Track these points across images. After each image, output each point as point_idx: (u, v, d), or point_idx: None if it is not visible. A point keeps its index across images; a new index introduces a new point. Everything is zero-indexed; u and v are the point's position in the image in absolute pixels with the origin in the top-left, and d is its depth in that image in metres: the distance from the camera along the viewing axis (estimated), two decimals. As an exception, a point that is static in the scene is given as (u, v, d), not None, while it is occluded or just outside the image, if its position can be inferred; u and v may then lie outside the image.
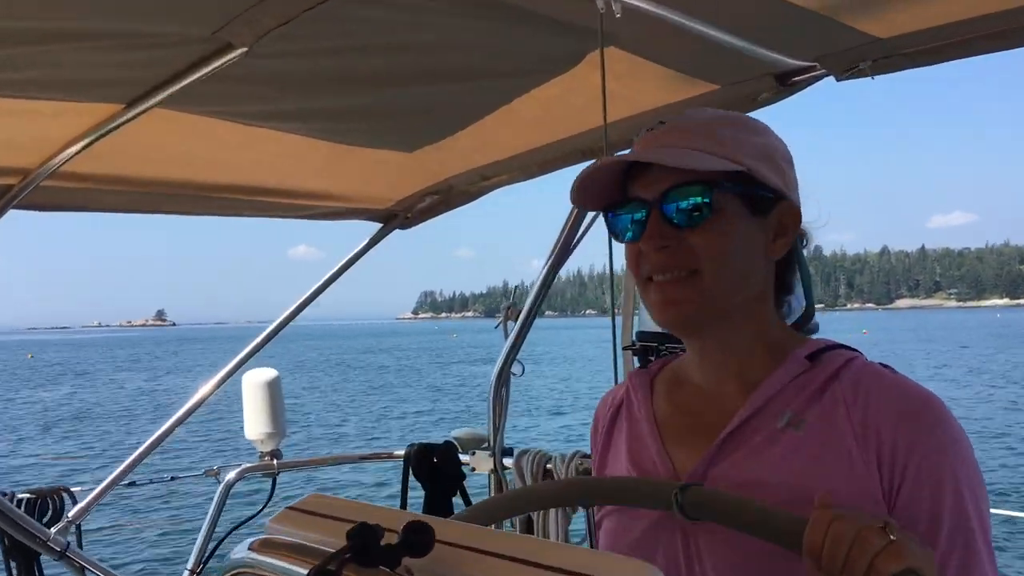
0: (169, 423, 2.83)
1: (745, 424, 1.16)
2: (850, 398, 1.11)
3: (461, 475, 3.04)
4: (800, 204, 1.24)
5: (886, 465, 1.06)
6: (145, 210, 2.64)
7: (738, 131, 1.20)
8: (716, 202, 1.14)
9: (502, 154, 2.77)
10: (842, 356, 1.17)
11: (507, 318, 2.95)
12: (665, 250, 1.15)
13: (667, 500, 1.10)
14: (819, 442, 1.10)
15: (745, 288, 1.19)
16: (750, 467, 1.13)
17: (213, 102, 2.08)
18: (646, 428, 1.29)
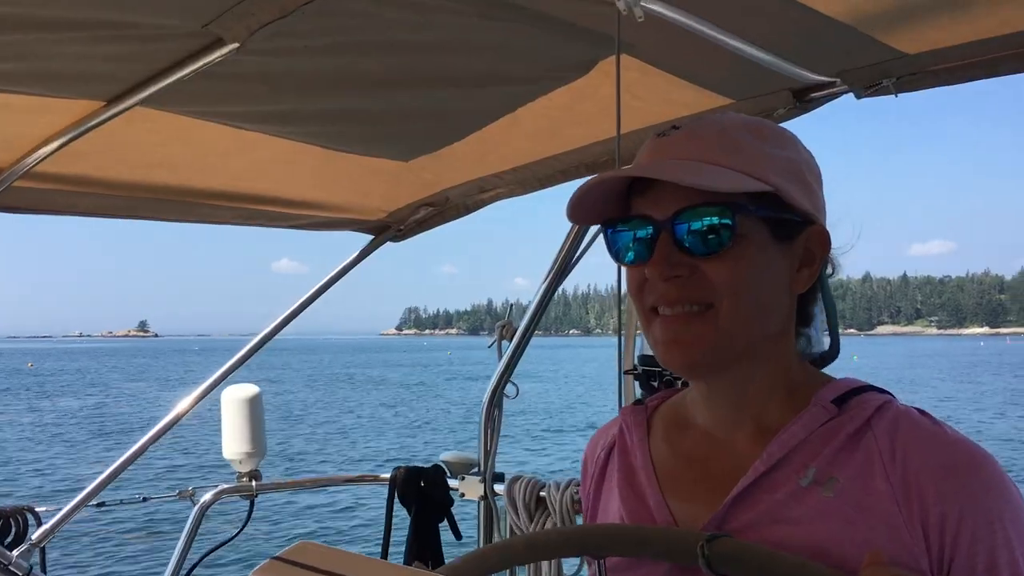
0: (143, 441, 2.69)
1: (761, 479, 1.01)
2: (887, 453, 0.97)
3: (449, 501, 2.92)
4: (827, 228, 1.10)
5: (934, 533, 0.93)
6: (124, 215, 2.51)
7: (764, 143, 1.05)
8: (738, 227, 0.99)
9: (502, 166, 2.66)
10: (873, 401, 1.03)
11: (502, 337, 2.83)
12: (675, 280, 1.01)
13: (691, 552, 0.97)
14: (853, 505, 0.96)
15: (765, 326, 1.05)
16: (770, 530, 0.98)
17: (200, 102, 1.96)
18: (643, 476, 1.14)
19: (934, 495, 0.93)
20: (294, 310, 2.99)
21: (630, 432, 1.20)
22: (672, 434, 1.17)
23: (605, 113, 2.10)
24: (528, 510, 2.70)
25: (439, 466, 2.94)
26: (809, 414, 1.03)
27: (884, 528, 0.94)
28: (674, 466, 1.13)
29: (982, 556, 0.92)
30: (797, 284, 1.07)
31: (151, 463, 17.09)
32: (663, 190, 1.01)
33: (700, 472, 1.09)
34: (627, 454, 1.19)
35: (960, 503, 0.93)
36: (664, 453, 1.15)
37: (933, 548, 0.93)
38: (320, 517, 13.58)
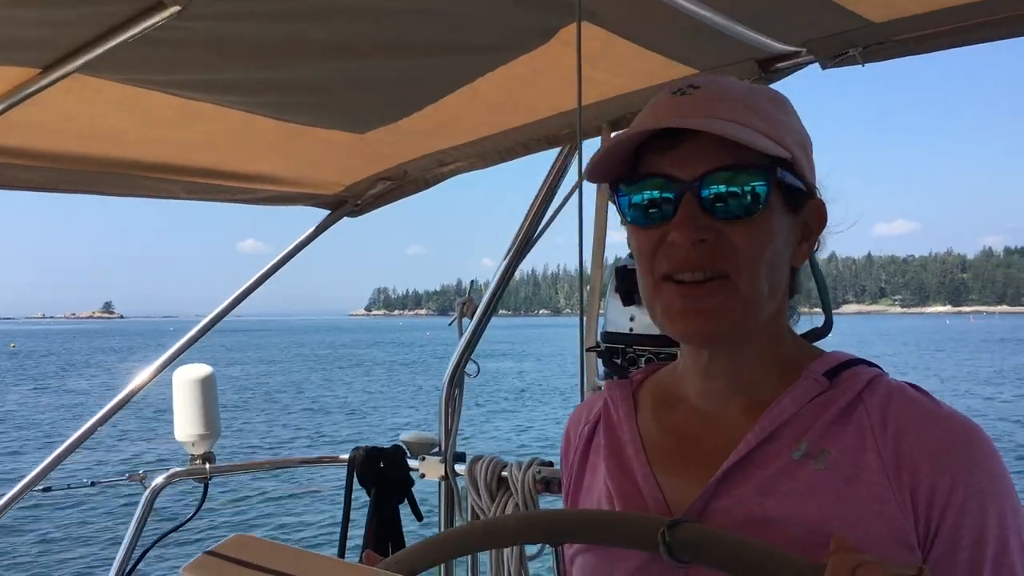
0: (90, 423, 2.59)
1: (753, 452, 0.99)
2: (878, 428, 0.96)
3: (409, 481, 2.86)
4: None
5: (923, 506, 0.92)
6: (64, 189, 2.40)
7: (779, 110, 1.03)
8: (769, 194, 0.96)
9: (462, 138, 2.60)
10: (864, 375, 1.01)
11: (462, 314, 2.77)
12: (701, 245, 0.96)
13: (652, 540, 0.93)
14: (844, 478, 0.94)
15: (774, 300, 1.02)
16: (761, 504, 0.96)
17: (142, 69, 1.86)
18: (631, 451, 1.10)
19: (926, 467, 0.92)
20: (248, 287, 2.90)
21: (616, 406, 1.17)
22: (660, 409, 1.14)
23: (566, 84, 2.04)
24: (489, 490, 2.66)
25: (399, 446, 2.89)
26: (801, 387, 1.01)
27: (874, 502, 0.92)
28: (663, 441, 1.10)
29: (969, 527, 0.91)
30: (797, 257, 1.05)
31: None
32: (688, 149, 0.96)
33: (690, 447, 1.07)
34: (613, 428, 1.16)
35: (951, 474, 0.92)
36: (652, 428, 1.12)
37: (921, 519, 0.92)
38: (279, 499, 13.46)
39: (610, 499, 1.09)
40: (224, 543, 0.80)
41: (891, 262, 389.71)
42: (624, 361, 2.38)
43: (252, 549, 0.79)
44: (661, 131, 0.97)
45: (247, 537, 0.81)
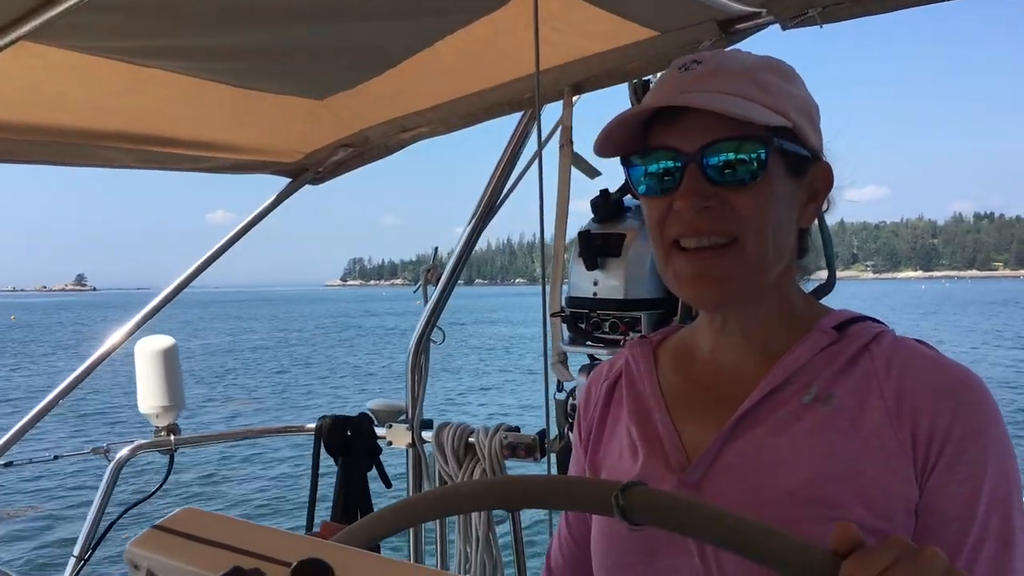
0: (51, 396, 2.55)
1: (766, 399, 1.06)
2: (883, 373, 1.03)
3: (377, 449, 2.86)
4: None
5: (922, 444, 0.98)
6: (13, 159, 2.33)
7: (781, 80, 1.08)
8: (768, 161, 1.02)
9: (422, 104, 2.56)
10: (871, 328, 1.08)
11: (427, 281, 2.76)
12: (706, 212, 1.02)
13: (607, 503, 0.92)
14: (849, 418, 1.01)
15: (782, 261, 1.09)
16: (772, 444, 1.03)
17: (91, 36, 1.82)
18: (652, 401, 1.17)
19: (927, 408, 0.98)
20: (208, 258, 2.85)
21: (636, 363, 1.23)
22: (679, 364, 1.21)
23: (526, 47, 2.02)
24: (456, 456, 2.67)
25: (366, 414, 2.88)
26: (812, 339, 1.08)
27: (875, 438, 0.98)
28: (682, 392, 1.17)
29: (965, 463, 0.97)
30: (803, 219, 1.11)
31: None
32: (690, 122, 1.02)
33: (708, 395, 1.14)
34: (634, 383, 1.22)
35: (950, 415, 0.97)
36: (672, 381, 1.19)
37: (919, 456, 0.97)
38: (247, 469, 13.40)
39: (632, 446, 1.15)
40: (171, 517, 0.79)
41: (863, 228, 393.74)
42: (588, 326, 2.38)
43: (200, 522, 0.78)
44: (666, 106, 1.03)
45: (195, 511, 0.80)
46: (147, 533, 0.77)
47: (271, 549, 0.70)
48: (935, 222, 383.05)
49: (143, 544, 0.75)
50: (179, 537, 0.75)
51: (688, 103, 1.01)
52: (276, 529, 0.76)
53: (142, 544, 0.75)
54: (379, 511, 1.08)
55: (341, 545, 0.75)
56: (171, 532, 0.76)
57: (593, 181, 2.32)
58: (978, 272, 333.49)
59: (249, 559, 0.69)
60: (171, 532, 0.76)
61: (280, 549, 0.69)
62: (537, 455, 2.56)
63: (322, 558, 0.63)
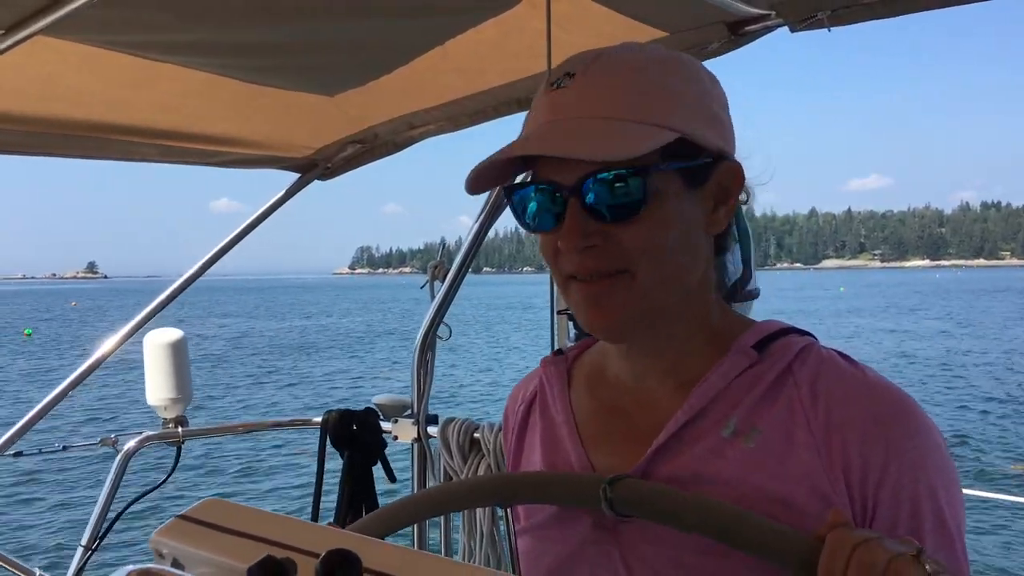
0: (61, 387, 2.58)
1: (683, 430, 0.99)
2: (808, 401, 0.95)
3: (382, 443, 2.88)
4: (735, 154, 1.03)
5: (856, 483, 0.91)
6: (28, 152, 2.35)
7: (667, 77, 0.96)
8: (651, 188, 0.93)
9: (431, 101, 2.57)
10: (795, 345, 1.00)
11: (434, 277, 2.77)
12: (590, 251, 0.95)
13: (594, 496, 0.95)
14: (774, 455, 0.94)
15: (686, 281, 1.00)
16: (691, 481, 0.96)
17: (105, 30, 1.83)
18: (564, 431, 1.11)
19: (856, 443, 0.91)
20: (219, 250, 2.88)
21: (550, 384, 1.17)
22: (593, 386, 1.14)
23: (536, 47, 2.02)
24: (462, 452, 2.68)
25: (371, 409, 2.90)
26: (729, 362, 1.00)
27: (804, 479, 0.92)
28: (595, 420, 1.10)
29: (905, 504, 0.91)
30: (713, 225, 1.02)
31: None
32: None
33: (622, 425, 1.07)
34: (547, 407, 1.16)
35: (884, 451, 0.91)
36: (585, 406, 1.12)
37: (856, 498, 0.91)
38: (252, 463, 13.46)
39: None
40: (195, 507, 0.80)
41: (870, 217, 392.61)
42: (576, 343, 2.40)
43: (223, 512, 0.79)
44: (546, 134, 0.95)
45: (218, 501, 0.82)
46: (172, 523, 0.78)
47: (296, 539, 0.71)
48: (942, 211, 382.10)
49: (168, 533, 0.77)
50: (204, 527, 0.77)
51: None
52: (299, 520, 0.77)
53: (167, 533, 0.77)
54: (378, 510, 1.11)
55: (365, 536, 0.76)
56: (195, 522, 0.78)
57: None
58: (985, 261, 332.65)
59: (274, 549, 0.70)
60: (195, 522, 0.78)
61: (305, 540, 0.71)
62: (542, 451, 2.57)
63: (349, 548, 0.63)
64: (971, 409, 17.96)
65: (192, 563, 0.74)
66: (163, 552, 0.76)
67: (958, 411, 17.67)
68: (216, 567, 0.71)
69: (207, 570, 0.72)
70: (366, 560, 0.63)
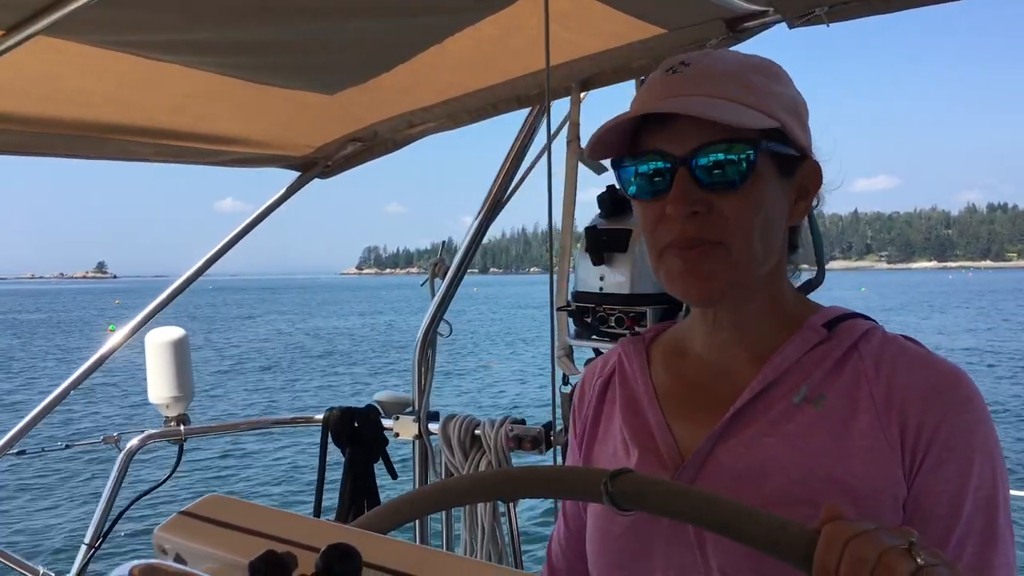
0: (64, 386, 2.59)
1: (757, 398, 1.07)
2: (872, 373, 1.03)
3: (384, 441, 2.89)
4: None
5: (909, 442, 0.99)
6: (31, 152, 2.37)
7: (769, 80, 1.07)
8: (755, 164, 1.01)
9: (431, 99, 2.58)
10: (860, 326, 1.08)
11: (434, 275, 2.78)
12: (695, 217, 1.02)
13: (596, 490, 0.95)
14: (839, 419, 1.02)
15: (771, 261, 1.08)
16: (762, 444, 1.04)
17: (108, 30, 1.84)
18: (645, 400, 1.18)
19: (915, 406, 0.99)
20: (220, 249, 2.89)
21: (630, 360, 1.24)
22: (671, 362, 1.21)
23: (535, 44, 2.03)
24: (463, 448, 2.69)
25: (373, 406, 2.91)
26: (801, 337, 1.08)
27: (864, 439, 0.99)
28: (674, 391, 1.17)
29: (952, 461, 0.98)
30: (793, 217, 1.11)
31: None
32: (680, 126, 1.02)
33: (700, 394, 1.14)
34: (627, 381, 1.23)
35: (938, 413, 0.98)
36: (664, 379, 1.19)
37: (907, 453, 0.98)
38: (254, 460, 13.47)
39: (625, 446, 1.16)
40: (198, 503, 0.81)
41: (876, 218, 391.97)
42: (594, 320, 2.40)
43: (226, 508, 0.80)
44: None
45: (221, 497, 0.82)
46: (174, 519, 0.78)
47: (297, 534, 0.72)
48: (948, 212, 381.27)
49: (170, 529, 0.77)
50: (206, 523, 0.77)
51: (672, 109, 1.00)
52: (300, 515, 0.78)
53: (170, 529, 0.77)
54: (381, 506, 1.11)
55: (366, 531, 0.77)
56: (198, 518, 0.78)
57: (600, 176, 2.33)
58: (992, 262, 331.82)
59: (276, 544, 0.71)
60: (198, 518, 0.78)
61: (306, 534, 0.71)
62: (543, 447, 2.58)
63: (349, 543, 0.64)
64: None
65: (194, 558, 0.74)
66: (165, 548, 0.77)
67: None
68: (218, 562, 0.72)
69: (209, 565, 0.73)
70: (366, 554, 0.64)
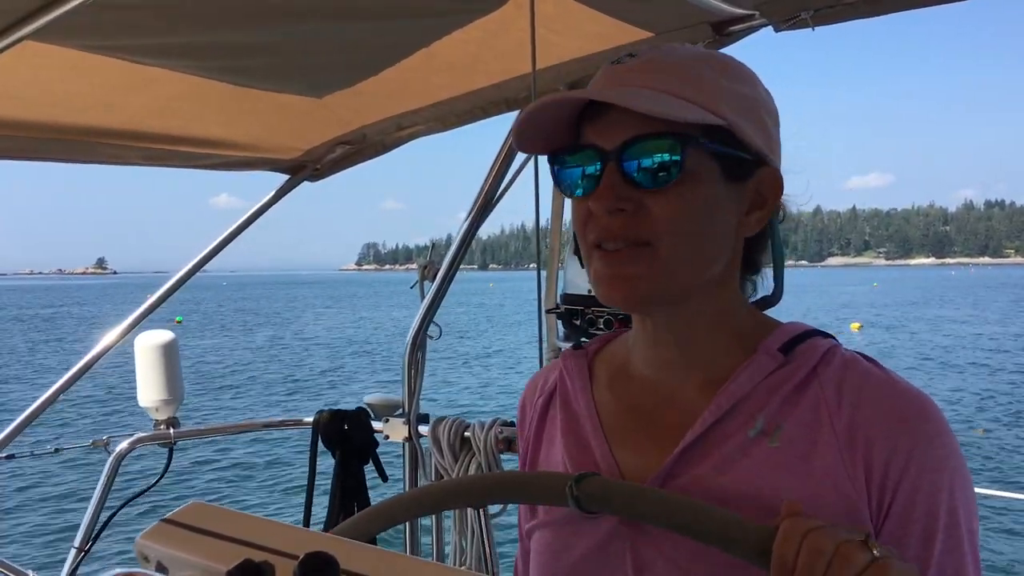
0: (52, 390, 2.59)
1: (710, 431, 0.99)
2: (833, 402, 0.96)
3: (373, 443, 2.89)
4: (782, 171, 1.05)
5: (876, 481, 0.92)
6: (17, 156, 2.36)
7: (721, 76, 0.99)
8: (688, 161, 0.94)
9: (419, 102, 2.58)
10: (819, 347, 1.01)
11: (423, 277, 2.78)
12: (619, 215, 0.96)
13: (562, 494, 0.97)
14: (798, 454, 0.95)
15: (708, 267, 1.00)
16: (717, 482, 0.96)
17: (94, 35, 1.84)
18: (588, 426, 1.10)
19: (880, 441, 0.92)
20: (211, 250, 2.89)
21: (571, 378, 1.16)
22: (616, 381, 1.13)
23: (522, 47, 2.03)
24: (453, 450, 2.69)
25: (363, 408, 2.91)
26: (756, 363, 1.01)
27: (827, 477, 0.93)
28: (619, 416, 1.09)
29: (921, 502, 0.92)
30: (745, 227, 1.03)
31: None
32: (614, 119, 0.96)
33: (647, 422, 1.06)
34: (569, 401, 1.15)
35: (907, 449, 0.92)
36: (609, 401, 1.11)
37: (874, 494, 0.92)
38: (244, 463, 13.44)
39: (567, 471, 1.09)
40: (180, 511, 0.82)
41: (875, 215, 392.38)
42: (583, 322, 2.40)
43: (208, 516, 0.80)
44: (594, 102, 0.96)
45: (203, 505, 0.83)
46: (156, 526, 0.79)
47: (277, 542, 0.72)
48: (946, 209, 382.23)
49: (152, 537, 0.78)
50: (187, 530, 0.78)
51: (598, 97, 0.94)
52: (281, 523, 0.78)
53: (151, 537, 0.78)
54: (355, 516, 1.12)
55: (345, 539, 0.77)
56: (179, 525, 0.79)
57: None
58: (990, 259, 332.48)
59: (256, 552, 0.71)
60: (179, 525, 0.79)
61: (286, 542, 0.72)
62: (532, 450, 2.57)
63: (327, 551, 0.65)
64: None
65: (175, 566, 0.75)
66: (148, 555, 0.77)
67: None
68: (198, 570, 0.73)
69: (190, 573, 0.73)
70: (344, 562, 0.65)
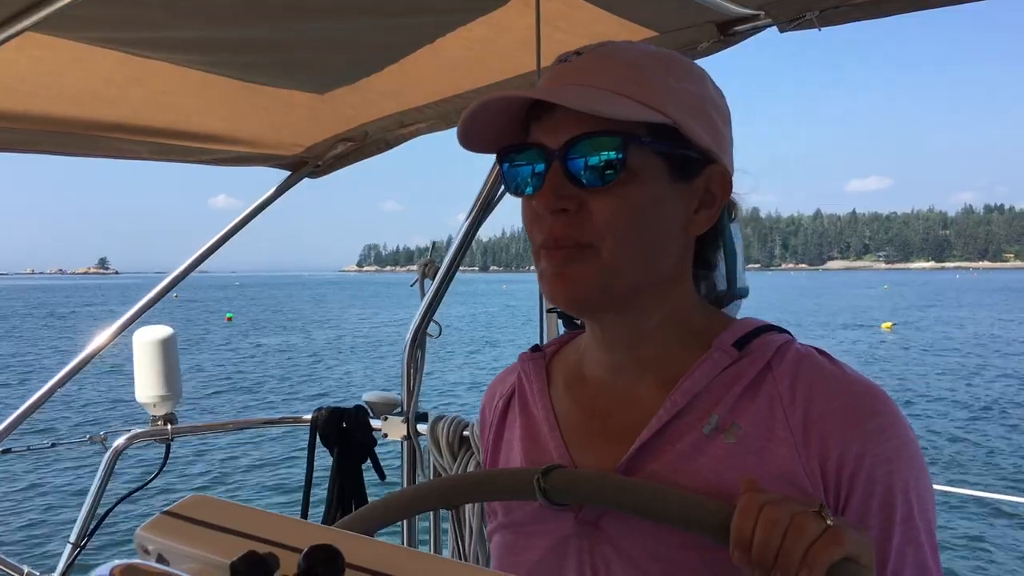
0: (50, 384, 2.58)
1: (665, 428, 0.99)
2: (787, 398, 0.96)
3: (372, 441, 2.87)
4: (733, 170, 1.04)
5: (832, 475, 0.93)
6: (19, 149, 2.36)
7: (669, 74, 0.99)
8: (631, 159, 0.94)
9: (422, 99, 2.58)
10: (774, 342, 1.01)
11: (424, 276, 2.78)
12: (562, 215, 0.95)
13: (530, 487, 0.98)
14: (753, 450, 0.95)
15: (655, 267, 1.00)
16: (674, 479, 0.96)
17: (96, 27, 1.83)
18: (545, 428, 1.10)
19: (834, 436, 0.93)
20: (210, 247, 2.88)
21: (529, 381, 1.17)
22: (573, 384, 1.14)
23: (526, 46, 2.02)
24: (451, 449, 2.68)
25: (361, 406, 2.90)
26: (711, 360, 1.01)
27: (783, 472, 0.93)
28: (576, 418, 1.10)
29: (878, 495, 0.92)
30: (694, 226, 1.02)
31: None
32: (559, 118, 0.96)
33: (603, 424, 1.07)
34: (527, 404, 1.16)
35: (859, 444, 0.93)
36: (566, 403, 1.12)
37: (831, 487, 0.93)
38: (242, 460, 13.42)
39: None
40: (181, 503, 0.80)
41: (874, 219, 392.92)
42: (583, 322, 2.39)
43: (209, 509, 0.79)
44: (540, 100, 0.96)
45: (204, 497, 0.82)
46: (157, 518, 0.78)
47: (280, 535, 0.71)
48: (946, 213, 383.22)
49: (153, 529, 0.76)
50: (188, 523, 0.77)
51: (538, 96, 0.94)
52: (284, 516, 0.77)
53: (152, 529, 0.76)
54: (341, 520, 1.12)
55: (349, 532, 0.77)
56: (180, 518, 0.77)
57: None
58: (990, 263, 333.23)
59: (259, 544, 0.70)
60: (180, 518, 0.77)
61: (289, 535, 0.71)
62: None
63: (332, 544, 0.64)
64: None
65: (176, 559, 0.74)
66: (148, 548, 0.76)
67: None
68: (200, 562, 0.72)
69: (191, 565, 0.73)
70: (349, 556, 0.64)
